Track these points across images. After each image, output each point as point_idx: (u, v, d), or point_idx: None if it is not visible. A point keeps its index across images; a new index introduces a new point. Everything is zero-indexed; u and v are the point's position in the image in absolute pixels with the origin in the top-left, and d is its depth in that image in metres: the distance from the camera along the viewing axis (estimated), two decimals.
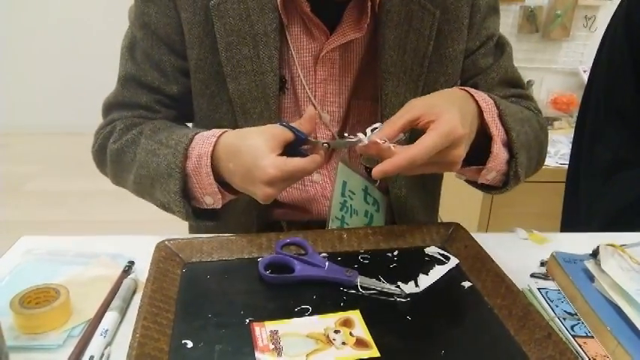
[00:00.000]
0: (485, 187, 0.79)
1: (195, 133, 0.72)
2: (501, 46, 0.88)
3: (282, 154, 0.65)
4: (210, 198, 0.72)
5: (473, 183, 0.79)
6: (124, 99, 0.83)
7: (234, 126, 0.78)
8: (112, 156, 0.81)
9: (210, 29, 0.75)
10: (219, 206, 0.73)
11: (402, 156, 0.61)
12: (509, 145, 0.73)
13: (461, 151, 0.65)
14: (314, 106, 0.82)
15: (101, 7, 3.43)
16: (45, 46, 3.62)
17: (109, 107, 0.86)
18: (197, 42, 0.77)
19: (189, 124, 0.88)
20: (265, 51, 0.76)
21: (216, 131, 0.71)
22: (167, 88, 0.82)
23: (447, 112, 0.64)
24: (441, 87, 0.82)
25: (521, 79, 0.91)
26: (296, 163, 0.65)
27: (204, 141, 0.70)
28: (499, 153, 0.72)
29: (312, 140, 0.69)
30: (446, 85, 0.83)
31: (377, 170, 0.62)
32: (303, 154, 0.68)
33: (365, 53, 0.81)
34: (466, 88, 0.75)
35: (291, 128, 0.67)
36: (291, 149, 0.67)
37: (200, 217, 0.74)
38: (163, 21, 0.77)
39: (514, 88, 0.89)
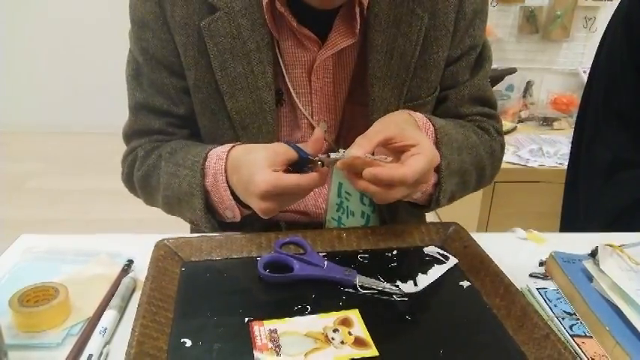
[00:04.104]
0: (411, 204, 0.82)
1: (209, 150, 0.74)
2: (481, 62, 0.86)
3: (287, 172, 0.66)
4: (230, 212, 0.74)
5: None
6: (138, 127, 0.85)
7: (237, 141, 0.78)
8: (139, 182, 0.84)
9: (205, 49, 0.75)
10: (239, 219, 0.75)
11: (395, 170, 0.63)
12: (438, 170, 0.74)
13: (430, 177, 0.69)
14: (307, 117, 0.82)
15: (102, 6, 3.43)
16: (46, 45, 3.62)
17: (128, 137, 0.88)
18: (193, 63, 0.77)
19: None
20: (259, 67, 0.76)
21: (227, 147, 0.74)
22: (175, 110, 0.83)
23: (423, 139, 0.67)
24: (423, 93, 0.82)
25: (492, 98, 0.90)
26: (290, 178, 0.65)
27: (217, 158, 0.73)
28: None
29: (312, 159, 0.68)
30: (428, 92, 0.82)
31: (368, 172, 0.63)
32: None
33: (357, 58, 0.81)
34: (409, 112, 0.76)
35: (295, 147, 0.67)
36: (296, 168, 0.68)
37: (226, 228, 0.77)
38: (160, 45, 0.78)
39: (482, 106, 0.88)
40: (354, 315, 0.60)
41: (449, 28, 0.79)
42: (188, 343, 0.55)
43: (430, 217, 1.02)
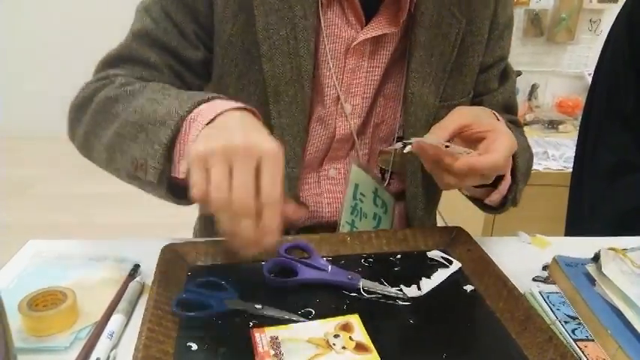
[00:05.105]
0: (485, 206, 0.83)
1: (218, 96, 0.63)
2: (507, 72, 0.91)
3: None
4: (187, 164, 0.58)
5: (474, 201, 0.85)
6: (130, 52, 0.77)
7: (263, 108, 0.76)
8: (98, 104, 0.71)
9: (247, 6, 0.74)
10: (182, 175, 0.61)
11: (488, 159, 0.64)
12: (513, 171, 0.76)
13: (510, 163, 0.71)
14: (338, 94, 0.81)
15: (104, 12, 3.45)
16: (50, 50, 3.64)
17: (107, 62, 0.78)
18: (232, 17, 0.75)
19: None
20: (303, 33, 0.75)
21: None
22: (184, 53, 0.77)
23: (499, 124, 0.69)
24: (458, 94, 0.84)
25: (517, 107, 0.95)
26: (246, 182, 0.51)
27: (228, 103, 0.61)
28: (507, 178, 0.76)
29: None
30: (462, 94, 0.85)
31: (463, 162, 0.64)
32: None
33: (394, 51, 0.82)
34: (489, 109, 0.77)
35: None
36: None
37: (170, 192, 0.64)
38: None
39: (509, 114, 0.92)
40: (355, 320, 0.60)
41: (484, 35, 0.82)
42: (194, 347, 0.56)
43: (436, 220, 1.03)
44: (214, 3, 0.75)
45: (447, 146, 0.65)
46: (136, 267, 0.71)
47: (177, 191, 0.64)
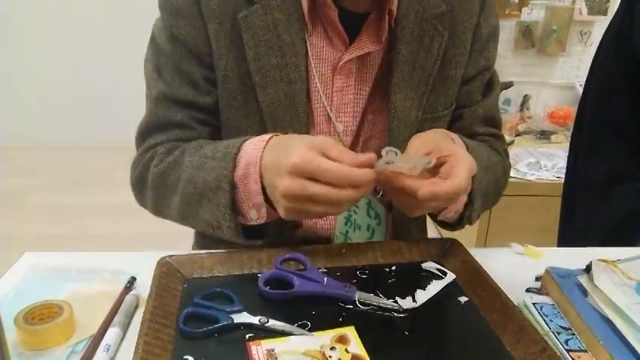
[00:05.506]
0: (441, 223, 0.85)
1: (244, 141, 0.72)
2: (492, 84, 0.92)
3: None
4: (256, 212, 0.71)
5: (431, 216, 0.87)
6: (158, 119, 0.82)
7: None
8: (153, 180, 0.80)
9: (237, 40, 0.77)
10: (263, 220, 0.72)
11: (450, 184, 0.65)
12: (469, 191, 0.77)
13: (469, 186, 0.71)
14: (329, 115, 0.83)
15: (105, 22, 3.46)
16: (47, 60, 3.64)
17: (144, 133, 0.84)
18: (225, 52, 0.78)
19: None
20: (293, 60, 0.77)
21: (266, 136, 0.71)
22: (200, 100, 0.81)
23: (458, 149, 0.70)
24: (441, 107, 0.85)
25: (499, 120, 0.95)
26: (327, 162, 0.62)
27: (253, 147, 0.70)
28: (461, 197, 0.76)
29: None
30: (445, 106, 0.86)
31: (427, 190, 0.64)
32: None
33: (379, 68, 0.83)
34: (445, 131, 0.80)
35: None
36: None
37: (248, 236, 0.74)
38: (192, 32, 0.78)
39: (491, 127, 0.93)
40: (350, 332, 0.60)
41: (466, 46, 0.84)
42: None
43: (430, 230, 1.04)
44: (210, 40, 0.78)
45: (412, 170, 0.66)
46: (132, 280, 0.71)
47: (249, 232, 0.74)
